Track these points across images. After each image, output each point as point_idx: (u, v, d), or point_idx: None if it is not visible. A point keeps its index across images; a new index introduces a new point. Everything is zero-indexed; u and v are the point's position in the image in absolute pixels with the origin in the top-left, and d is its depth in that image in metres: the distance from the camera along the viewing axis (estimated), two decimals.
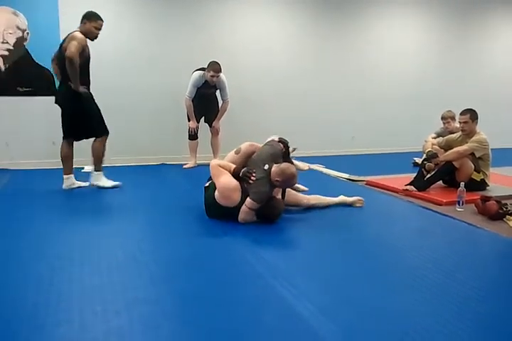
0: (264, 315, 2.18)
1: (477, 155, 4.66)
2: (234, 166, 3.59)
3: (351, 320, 2.11)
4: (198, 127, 5.91)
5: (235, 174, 3.53)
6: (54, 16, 5.69)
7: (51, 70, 4.75)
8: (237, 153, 3.75)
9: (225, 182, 3.47)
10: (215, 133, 6.05)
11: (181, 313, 2.18)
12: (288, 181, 3.53)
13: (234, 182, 3.47)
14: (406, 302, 2.31)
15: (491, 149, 4.77)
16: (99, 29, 4.52)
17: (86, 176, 5.42)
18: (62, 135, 4.75)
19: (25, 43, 5.64)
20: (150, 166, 6.08)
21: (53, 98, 5.78)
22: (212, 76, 5.58)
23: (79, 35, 4.37)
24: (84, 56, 4.42)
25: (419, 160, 5.55)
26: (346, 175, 5.50)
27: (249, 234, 3.30)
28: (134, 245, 3.07)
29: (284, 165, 3.51)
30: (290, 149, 3.91)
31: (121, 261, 2.78)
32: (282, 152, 3.74)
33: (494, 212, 3.81)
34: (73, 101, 4.49)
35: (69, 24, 5.71)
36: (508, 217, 3.78)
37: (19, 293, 2.33)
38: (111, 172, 5.62)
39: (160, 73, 6.22)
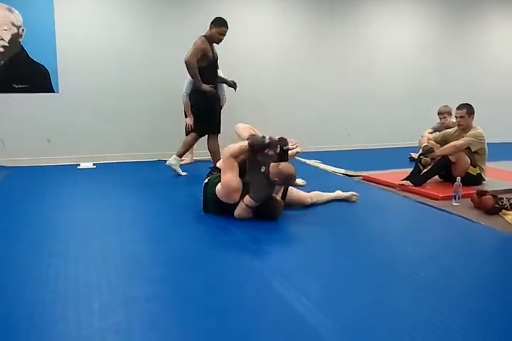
0: (262, 312, 2.18)
1: (473, 149, 4.67)
2: (246, 142, 3.53)
3: (348, 316, 2.11)
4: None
5: (250, 146, 3.49)
6: (49, 13, 5.66)
7: None
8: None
9: (230, 180, 3.43)
10: None
11: (179, 311, 2.18)
12: (286, 181, 3.53)
13: (237, 183, 3.44)
14: (403, 298, 2.32)
15: (487, 143, 4.78)
16: (223, 35, 4.91)
17: (82, 173, 5.42)
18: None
19: (20, 40, 5.61)
20: (146, 162, 6.08)
21: (49, 94, 5.83)
22: None
23: (199, 40, 4.87)
24: (208, 58, 4.89)
25: (415, 155, 5.56)
26: (343, 171, 5.51)
27: (247, 231, 3.30)
28: (131, 242, 3.07)
29: (283, 165, 3.49)
30: (289, 147, 3.83)
31: (118, 259, 2.77)
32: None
33: (490, 206, 3.82)
34: (198, 98, 5.07)
35: (64, 20, 5.74)
36: (504, 211, 3.80)
37: (16, 291, 2.33)
38: (107, 168, 5.64)
39: (157, 70, 6.21)
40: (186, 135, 5.95)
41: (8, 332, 1.94)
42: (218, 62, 5.19)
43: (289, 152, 3.76)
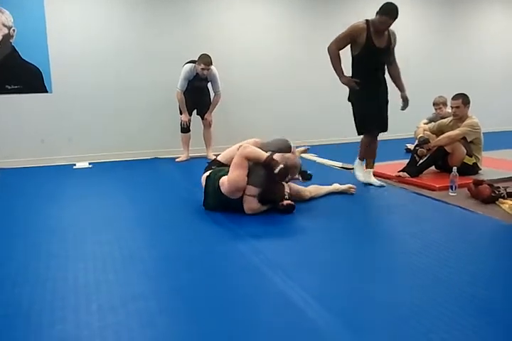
0: (262, 307, 2.18)
1: (469, 139, 4.66)
2: (265, 156, 3.48)
3: (347, 309, 2.11)
4: (190, 120, 5.89)
5: (264, 164, 3.46)
6: (40, 12, 5.62)
7: None
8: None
9: (239, 178, 3.41)
10: (207, 125, 6.03)
11: (178, 309, 2.17)
12: (289, 170, 3.49)
13: (244, 182, 3.43)
14: (402, 289, 2.32)
15: (483, 133, 4.77)
16: (383, 24, 4.13)
17: (78, 172, 5.41)
18: None
19: (11, 40, 5.57)
20: (143, 160, 6.06)
21: (42, 95, 5.81)
22: (202, 69, 5.54)
23: (354, 24, 4.20)
24: (360, 46, 4.19)
25: (411, 147, 5.55)
26: (340, 164, 5.50)
27: (246, 226, 3.29)
28: (128, 240, 3.06)
29: (289, 154, 3.51)
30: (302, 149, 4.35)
31: (116, 258, 2.77)
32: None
33: (487, 195, 3.82)
34: (349, 95, 4.45)
35: (55, 20, 5.71)
36: (500, 200, 3.79)
37: (14, 291, 2.32)
38: (103, 167, 5.62)
39: (151, 68, 6.18)
40: (182, 131, 5.93)
41: (5, 333, 1.94)
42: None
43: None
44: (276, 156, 3.49)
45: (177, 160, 5.96)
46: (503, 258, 2.76)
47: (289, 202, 3.55)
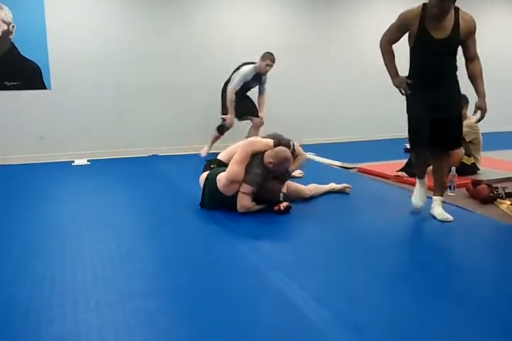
0: (261, 307, 2.19)
1: (468, 139, 4.67)
2: (271, 141, 3.58)
3: (347, 309, 2.12)
4: (233, 123, 5.74)
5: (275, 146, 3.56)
6: (39, 8, 5.60)
7: None
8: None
9: (238, 173, 3.45)
10: (259, 125, 5.85)
11: (176, 306, 2.18)
12: (281, 164, 3.50)
13: (241, 177, 3.46)
14: (400, 290, 2.33)
15: (482, 133, 4.78)
16: (434, 7, 3.10)
17: (77, 170, 5.40)
18: None
19: (10, 37, 5.55)
20: (141, 158, 6.05)
21: (41, 91, 5.79)
22: (267, 65, 5.56)
23: (406, 10, 3.29)
24: (413, 36, 3.33)
25: None
26: (339, 163, 5.51)
27: (244, 225, 3.30)
28: (126, 238, 3.06)
29: (279, 148, 3.51)
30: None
31: (114, 255, 2.77)
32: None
33: (485, 195, 3.84)
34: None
35: (55, 16, 5.69)
36: (498, 200, 3.81)
37: (12, 288, 2.33)
38: (101, 164, 5.61)
39: (151, 65, 6.17)
40: (217, 130, 5.77)
41: (5, 331, 1.94)
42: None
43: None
44: (269, 151, 3.50)
45: (200, 151, 5.86)
46: (501, 258, 2.77)
47: (285, 204, 3.56)
